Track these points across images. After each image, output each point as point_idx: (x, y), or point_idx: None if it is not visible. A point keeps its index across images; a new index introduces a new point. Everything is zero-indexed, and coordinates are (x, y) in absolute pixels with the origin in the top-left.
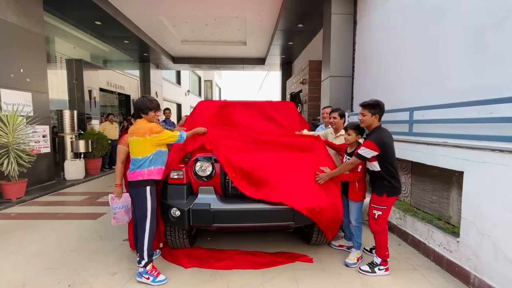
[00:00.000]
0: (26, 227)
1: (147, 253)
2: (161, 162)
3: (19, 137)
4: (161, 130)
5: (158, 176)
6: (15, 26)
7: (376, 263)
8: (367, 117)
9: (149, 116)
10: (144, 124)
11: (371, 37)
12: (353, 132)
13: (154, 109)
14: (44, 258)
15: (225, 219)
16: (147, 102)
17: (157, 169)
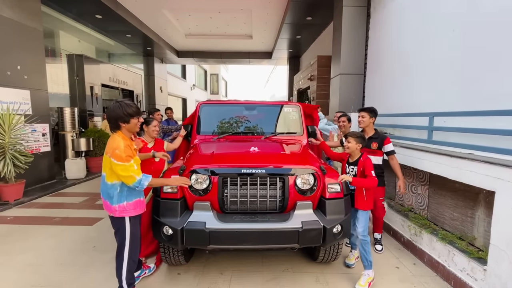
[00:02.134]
0: (19, 233)
1: (125, 282)
2: (137, 193)
3: (16, 137)
4: (126, 158)
5: (134, 212)
6: (10, 21)
7: (380, 238)
8: (365, 118)
9: (131, 124)
10: (117, 139)
11: (386, 32)
12: (353, 140)
13: (137, 115)
14: (31, 272)
15: (222, 240)
16: (126, 107)
17: (132, 204)
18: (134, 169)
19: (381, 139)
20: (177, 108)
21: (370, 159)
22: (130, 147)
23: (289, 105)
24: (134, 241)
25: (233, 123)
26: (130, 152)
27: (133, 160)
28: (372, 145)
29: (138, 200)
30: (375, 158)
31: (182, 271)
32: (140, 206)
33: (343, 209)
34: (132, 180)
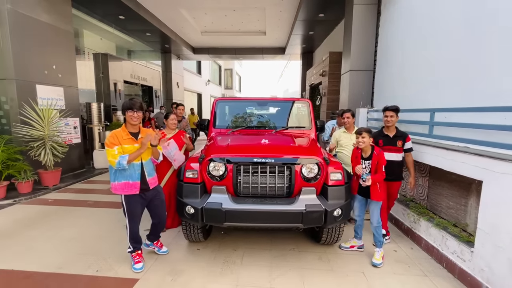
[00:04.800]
0: (60, 213)
1: (130, 245)
2: (126, 176)
3: (54, 130)
4: (109, 144)
5: (122, 191)
6: (47, 25)
7: None
8: (394, 118)
9: (127, 116)
10: (112, 132)
11: (395, 30)
12: (367, 135)
13: (128, 109)
14: (76, 243)
15: (235, 218)
16: (124, 102)
17: (121, 184)
18: (114, 154)
19: (404, 137)
20: (193, 103)
21: (383, 152)
22: (119, 138)
23: (298, 101)
24: (131, 217)
25: (246, 117)
26: (114, 141)
27: (117, 147)
28: (398, 143)
29: (127, 182)
30: (396, 155)
31: (201, 247)
32: (129, 187)
33: (344, 195)
34: (112, 163)
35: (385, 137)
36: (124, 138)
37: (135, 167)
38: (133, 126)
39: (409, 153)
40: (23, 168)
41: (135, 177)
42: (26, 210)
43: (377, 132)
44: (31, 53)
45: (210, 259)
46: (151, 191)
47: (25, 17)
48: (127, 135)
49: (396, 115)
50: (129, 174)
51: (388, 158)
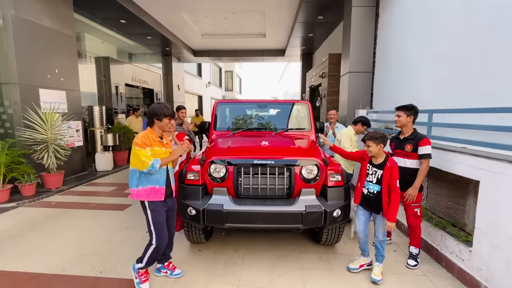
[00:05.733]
0: (64, 215)
1: (146, 261)
2: (152, 180)
3: (57, 133)
4: (142, 145)
5: (147, 197)
6: (49, 30)
7: (417, 254)
8: (402, 117)
9: (163, 123)
10: (142, 132)
11: (393, 32)
12: (372, 143)
13: (170, 116)
14: (79, 245)
15: (236, 219)
16: (163, 108)
17: (146, 189)
18: (147, 155)
19: (417, 140)
20: (194, 105)
21: (398, 165)
22: (149, 139)
23: (298, 103)
24: (160, 228)
25: (246, 119)
26: (147, 141)
27: (149, 148)
28: (406, 147)
29: (153, 187)
30: (410, 162)
31: (202, 248)
32: (155, 193)
33: (343, 195)
34: (146, 164)
35: (397, 140)
36: (155, 140)
37: (161, 172)
38: (161, 131)
39: (423, 160)
40: (26, 171)
41: (161, 182)
42: (29, 213)
43: (394, 135)
44: (34, 57)
45: (211, 260)
46: (172, 199)
47: (28, 22)
48: (157, 137)
49: (407, 115)
50: (155, 178)
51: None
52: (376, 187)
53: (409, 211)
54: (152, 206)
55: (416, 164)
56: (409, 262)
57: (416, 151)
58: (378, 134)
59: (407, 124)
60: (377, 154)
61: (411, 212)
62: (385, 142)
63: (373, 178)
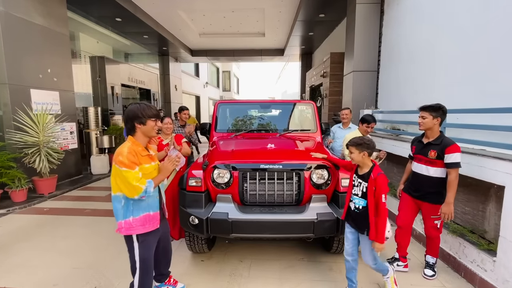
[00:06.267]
0: (56, 222)
1: None
2: (145, 206)
3: (49, 136)
4: (130, 164)
5: (142, 229)
6: (41, 28)
7: (434, 263)
8: (427, 120)
9: (148, 127)
10: (124, 145)
11: (399, 29)
12: (355, 150)
13: (155, 117)
14: (72, 256)
15: (243, 229)
16: (145, 108)
17: (139, 219)
18: (138, 177)
19: (443, 146)
20: (191, 105)
21: (385, 176)
22: (137, 154)
23: (302, 103)
24: (145, 267)
25: (249, 121)
26: (134, 159)
27: (138, 167)
28: (429, 154)
29: (148, 214)
30: (434, 170)
31: (205, 258)
32: (151, 221)
33: None
34: (138, 190)
35: (419, 143)
36: (142, 154)
37: (154, 192)
38: (148, 138)
39: (451, 170)
40: (16, 175)
41: (156, 206)
42: (20, 220)
43: (416, 138)
44: (25, 56)
45: (215, 272)
46: (164, 221)
47: (18, 20)
48: (143, 150)
49: (434, 117)
50: (148, 203)
51: (416, 169)
52: (361, 201)
53: (429, 223)
54: (142, 238)
55: (441, 173)
56: (426, 272)
57: (442, 158)
58: (362, 140)
59: (433, 127)
60: (360, 162)
61: (431, 225)
62: (371, 150)
63: (358, 190)
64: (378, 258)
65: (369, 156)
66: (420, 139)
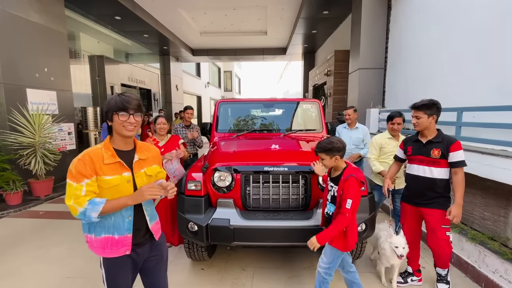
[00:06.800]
0: (51, 227)
1: None
2: (108, 226)
3: (45, 136)
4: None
5: (102, 252)
6: (37, 25)
7: (446, 274)
8: (422, 119)
9: (114, 123)
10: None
11: (408, 24)
12: (325, 156)
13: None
14: (65, 264)
15: (246, 236)
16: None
17: (99, 240)
18: (79, 194)
19: (447, 144)
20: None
21: (354, 179)
22: (94, 162)
23: (307, 101)
24: None
25: (251, 120)
26: (84, 168)
27: (89, 180)
28: (432, 153)
29: (110, 238)
30: (438, 171)
31: (205, 267)
32: (113, 247)
33: (368, 207)
34: (73, 211)
35: (416, 143)
36: (106, 162)
37: (122, 212)
38: (125, 139)
39: (458, 169)
40: (11, 178)
41: (123, 229)
42: (14, 225)
43: (409, 137)
44: (21, 55)
45: (216, 281)
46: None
47: (14, 17)
48: (112, 156)
49: (430, 114)
50: (113, 223)
51: (416, 172)
52: (331, 207)
53: (439, 234)
54: (106, 262)
55: (445, 174)
56: (439, 287)
57: (446, 157)
58: (331, 143)
59: (429, 126)
60: (335, 166)
61: (442, 237)
62: (343, 152)
63: (329, 196)
64: (333, 270)
65: (341, 158)
66: (416, 139)
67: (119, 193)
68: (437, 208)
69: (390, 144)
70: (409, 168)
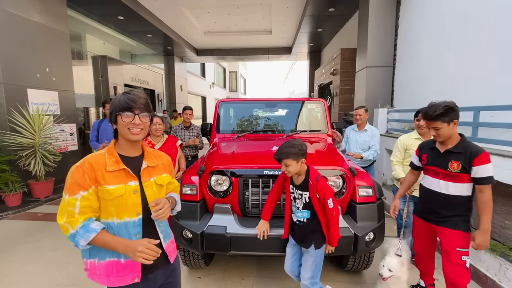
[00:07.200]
0: (48, 229)
1: None
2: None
3: (46, 137)
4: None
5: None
6: (39, 25)
7: None
8: (443, 129)
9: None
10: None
11: (419, 19)
12: (291, 161)
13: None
14: (58, 270)
15: (243, 246)
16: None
17: (103, 264)
18: (71, 212)
19: (470, 156)
20: (197, 106)
21: (323, 178)
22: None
23: (311, 101)
24: None
25: (253, 121)
26: (82, 178)
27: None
28: (450, 165)
29: (115, 262)
30: (455, 187)
31: (202, 275)
32: (119, 273)
33: (376, 215)
34: (65, 231)
35: (432, 151)
36: (109, 169)
37: (129, 228)
38: (131, 143)
39: (484, 187)
40: (9, 179)
41: None
42: (11, 227)
43: (426, 142)
44: (22, 55)
45: None
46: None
47: (14, 17)
48: (116, 163)
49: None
50: None
51: (430, 186)
52: (305, 213)
53: (453, 258)
54: None
55: (466, 190)
56: None
57: (468, 171)
58: (295, 146)
59: (453, 134)
60: (299, 171)
61: (456, 261)
62: (306, 153)
63: (300, 203)
64: (318, 277)
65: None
66: (433, 146)
67: (124, 206)
68: (450, 227)
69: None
70: (424, 179)
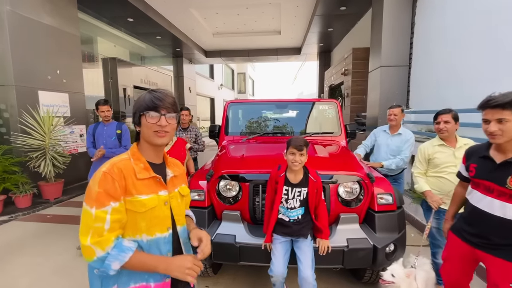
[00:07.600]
0: (56, 232)
1: None
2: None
3: (56, 139)
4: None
5: None
6: (50, 28)
7: None
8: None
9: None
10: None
11: (437, 16)
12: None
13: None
14: (64, 275)
15: (253, 256)
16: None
17: None
18: (99, 228)
19: None
20: (206, 108)
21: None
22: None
23: (323, 102)
24: None
25: (262, 122)
26: (112, 187)
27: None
28: (509, 182)
29: (144, 287)
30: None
31: (210, 284)
32: None
33: (397, 224)
34: (88, 253)
35: (483, 161)
36: (140, 177)
37: (161, 246)
38: (156, 148)
39: None
40: (19, 180)
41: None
42: (20, 229)
43: (476, 147)
44: (33, 57)
45: None
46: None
47: (26, 20)
48: (145, 169)
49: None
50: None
51: (478, 204)
52: (300, 211)
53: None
54: None
55: None
56: None
57: None
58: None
59: None
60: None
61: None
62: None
63: (296, 202)
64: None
65: None
66: (485, 154)
67: (156, 219)
68: (505, 259)
69: (443, 153)
70: (471, 194)
